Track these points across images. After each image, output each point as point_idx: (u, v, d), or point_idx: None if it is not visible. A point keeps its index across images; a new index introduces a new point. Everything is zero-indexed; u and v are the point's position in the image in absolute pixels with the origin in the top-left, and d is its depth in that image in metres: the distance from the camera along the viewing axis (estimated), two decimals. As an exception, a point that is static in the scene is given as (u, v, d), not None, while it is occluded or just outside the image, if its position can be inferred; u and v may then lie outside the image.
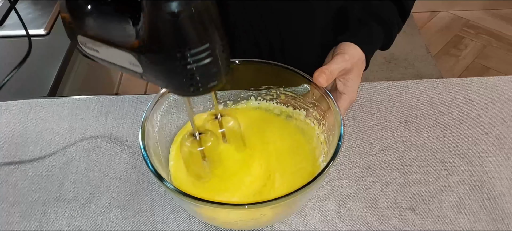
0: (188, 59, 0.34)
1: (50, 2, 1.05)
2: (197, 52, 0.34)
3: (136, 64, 0.36)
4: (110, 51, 0.37)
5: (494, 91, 0.69)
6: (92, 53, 0.39)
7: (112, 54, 0.37)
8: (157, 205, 0.55)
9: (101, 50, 0.38)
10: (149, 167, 0.43)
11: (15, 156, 0.61)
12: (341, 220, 0.53)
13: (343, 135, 0.46)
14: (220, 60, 0.36)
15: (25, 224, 0.53)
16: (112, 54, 0.37)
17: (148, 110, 0.49)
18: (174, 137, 0.55)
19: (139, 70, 0.37)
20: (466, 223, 0.52)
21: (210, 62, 0.35)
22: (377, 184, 0.56)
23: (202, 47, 0.34)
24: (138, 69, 0.37)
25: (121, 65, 0.38)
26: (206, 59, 0.34)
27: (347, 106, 0.58)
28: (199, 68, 0.34)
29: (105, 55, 0.38)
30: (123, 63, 0.37)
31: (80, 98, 0.70)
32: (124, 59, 0.37)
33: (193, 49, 0.33)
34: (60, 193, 0.56)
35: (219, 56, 0.35)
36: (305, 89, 0.55)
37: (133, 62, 0.36)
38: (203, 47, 0.34)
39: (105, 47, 0.37)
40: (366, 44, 0.59)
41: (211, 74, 0.36)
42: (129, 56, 0.36)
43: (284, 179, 0.51)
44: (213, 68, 0.35)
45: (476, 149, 0.60)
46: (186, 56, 0.34)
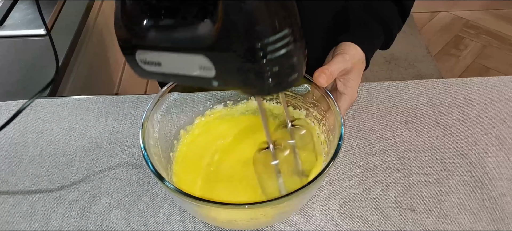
0: (265, 49, 0.31)
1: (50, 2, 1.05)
2: (274, 40, 0.31)
3: (209, 66, 0.33)
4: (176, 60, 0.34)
5: (494, 91, 0.69)
6: (154, 70, 0.36)
7: (178, 63, 0.34)
8: (157, 206, 0.55)
9: (165, 61, 0.35)
10: (149, 167, 0.43)
11: (15, 156, 0.61)
12: (342, 220, 0.53)
13: (344, 135, 0.46)
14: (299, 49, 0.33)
15: (25, 224, 0.53)
16: (178, 63, 0.34)
17: (148, 110, 0.49)
18: (176, 136, 0.55)
19: (211, 74, 0.34)
20: (466, 223, 0.52)
21: (287, 51, 0.32)
22: (377, 184, 0.56)
23: (279, 35, 0.31)
24: (209, 73, 0.34)
25: (189, 74, 0.35)
26: (284, 49, 0.32)
27: (347, 106, 0.58)
28: (276, 59, 0.32)
29: (169, 67, 0.35)
30: (192, 70, 0.34)
31: (80, 98, 0.69)
32: (193, 65, 0.34)
33: (272, 36, 0.31)
34: (60, 193, 0.56)
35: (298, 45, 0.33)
36: (305, 89, 0.54)
37: (204, 66, 0.33)
38: (280, 35, 0.31)
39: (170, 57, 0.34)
40: (366, 44, 0.59)
41: (291, 66, 0.33)
42: (201, 59, 0.33)
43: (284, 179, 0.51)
44: (291, 58, 0.33)
45: (476, 149, 0.60)
46: (263, 46, 0.31)
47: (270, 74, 0.33)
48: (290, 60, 0.33)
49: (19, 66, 0.87)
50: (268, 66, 0.32)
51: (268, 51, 0.31)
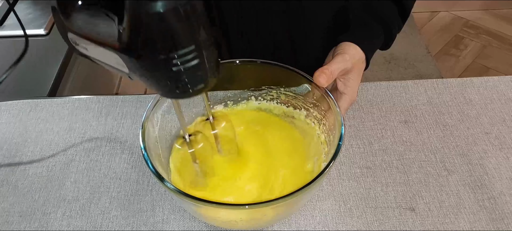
0: (173, 60, 0.32)
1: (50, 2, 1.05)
2: (182, 54, 0.32)
3: (122, 64, 0.35)
4: (98, 50, 0.36)
5: (494, 91, 0.69)
6: (83, 52, 0.38)
7: (100, 53, 0.36)
8: (157, 205, 0.55)
9: (90, 48, 0.37)
10: (149, 167, 0.43)
11: (15, 156, 0.61)
12: (341, 220, 0.53)
13: (344, 135, 0.46)
14: (208, 62, 0.34)
15: (25, 224, 0.53)
16: (100, 52, 0.36)
17: (148, 110, 0.49)
18: (176, 137, 0.55)
19: (126, 71, 0.36)
20: (466, 223, 0.52)
21: (196, 64, 0.33)
22: (377, 184, 0.56)
23: (187, 49, 0.32)
24: (125, 69, 0.36)
25: (110, 64, 0.37)
26: (192, 61, 0.33)
27: (347, 106, 0.58)
28: (185, 70, 0.33)
29: (94, 54, 0.37)
30: (111, 62, 0.36)
31: (80, 98, 0.70)
32: (111, 59, 0.36)
33: (178, 51, 0.32)
34: (60, 193, 0.56)
35: (206, 58, 0.34)
36: (306, 89, 0.55)
37: (119, 62, 0.35)
38: (188, 49, 0.32)
39: (93, 46, 0.36)
40: (366, 44, 0.59)
41: (198, 77, 0.35)
42: (115, 56, 0.35)
43: (285, 179, 0.51)
44: (199, 70, 0.34)
45: (476, 149, 0.60)
46: (170, 58, 0.32)
47: (175, 83, 0.34)
48: (195, 72, 0.34)
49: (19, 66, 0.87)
50: (172, 76, 0.34)
51: (173, 63, 0.33)
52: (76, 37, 0.37)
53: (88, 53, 0.38)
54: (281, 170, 0.52)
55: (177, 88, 0.35)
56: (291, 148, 0.55)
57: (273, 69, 0.54)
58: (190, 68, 0.33)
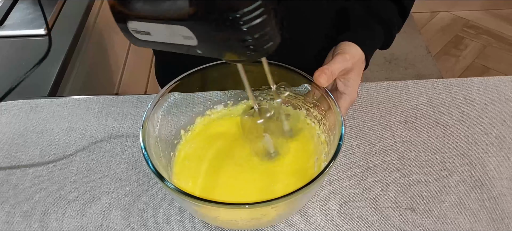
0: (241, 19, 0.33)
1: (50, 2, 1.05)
2: (249, 10, 0.33)
3: (191, 36, 0.36)
4: (163, 30, 0.37)
5: (494, 91, 0.69)
6: (145, 38, 0.39)
7: (165, 33, 0.37)
8: (157, 206, 0.55)
9: (154, 30, 0.37)
10: (150, 167, 0.43)
11: (16, 156, 0.61)
12: (342, 220, 0.53)
13: (344, 135, 0.46)
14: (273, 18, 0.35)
15: (26, 224, 0.53)
16: (165, 32, 0.37)
17: (148, 110, 0.49)
18: (176, 136, 0.55)
19: (194, 43, 0.36)
20: (466, 223, 0.52)
21: (263, 20, 0.34)
22: (377, 184, 0.56)
23: (254, 5, 0.33)
24: (192, 42, 0.36)
25: (175, 43, 0.37)
26: (259, 18, 0.34)
27: (347, 106, 0.58)
28: (252, 28, 0.34)
29: (157, 36, 0.38)
30: (177, 40, 0.37)
31: (80, 98, 0.70)
32: (177, 35, 0.36)
33: (246, 8, 0.33)
34: (61, 193, 0.56)
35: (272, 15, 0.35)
36: (306, 89, 0.55)
37: (187, 35, 0.36)
38: (255, 5, 0.33)
39: (157, 27, 0.37)
40: (366, 43, 0.59)
41: (266, 34, 0.35)
42: (183, 29, 0.35)
43: (285, 179, 0.51)
44: (266, 26, 0.35)
45: (476, 149, 0.60)
46: (239, 16, 0.33)
47: (246, 43, 0.35)
48: (265, 28, 0.35)
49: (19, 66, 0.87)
50: (243, 35, 0.34)
51: (242, 22, 0.33)
52: (138, 23, 0.38)
53: (152, 37, 0.38)
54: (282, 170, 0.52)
55: (247, 48, 0.35)
56: (291, 148, 0.55)
57: (273, 69, 0.54)
58: (258, 24, 0.34)
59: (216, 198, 0.41)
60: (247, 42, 0.35)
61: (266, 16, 0.34)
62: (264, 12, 0.34)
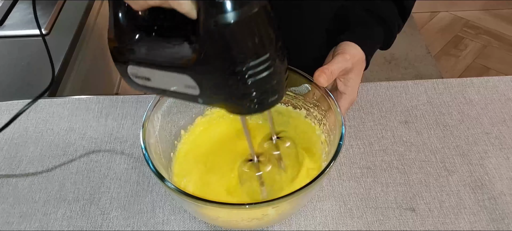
0: (246, 72, 0.32)
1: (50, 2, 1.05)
2: (255, 64, 0.32)
3: (193, 85, 0.34)
4: (164, 76, 0.35)
5: (494, 91, 0.69)
6: (144, 83, 0.37)
7: (166, 80, 0.35)
8: (157, 206, 0.55)
9: (154, 77, 0.36)
10: (150, 167, 0.43)
11: (15, 156, 0.61)
12: (341, 220, 0.53)
13: (344, 135, 0.46)
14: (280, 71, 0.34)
15: (25, 224, 0.53)
16: (166, 79, 0.35)
17: (149, 110, 0.49)
18: (176, 137, 0.55)
19: (196, 92, 0.35)
20: (466, 223, 0.52)
21: (270, 74, 0.33)
22: (377, 184, 0.56)
23: (260, 59, 0.32)
24: (194, 91, 0.35)
25: (176, 91, 0.36)
26: (265, 72, 0.32)
27: (347, 106, 0.58)
28: (257, 82, 0.32)
29: (158, 83, 0.36)
30: (178, 87, 0.35)
31: (80, 98, 0.69)
32: (179, 83, 0.35)
33: (251, 62, 0.32)
34: (60, 193, 0.56)
35: (278, 67, 0.33)
36: (306, 89, 0.54)
37: (189, 84, 0.34)
38: (261, 59, 0.32)
39: (158, 73, 0.35)
40: (367, 43, 0.59)
41: (271, 87, 0.34)
42: (185, 78, 0.34)
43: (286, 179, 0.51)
44: (273, 79, 0.33)
45: (476, 149, 0.60)
46: (245, 69, 0.32)
47: (251, 96, 0.34)
48: (270, 82, 0.34)
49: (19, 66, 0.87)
50: (248, 89, 0.33)
51: (247, 76, 0.32)
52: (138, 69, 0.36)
53: (151, 83, 0.37)
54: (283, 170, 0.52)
55: (252, 101, 0.34)
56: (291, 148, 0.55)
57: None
58: (265, 78, 0.33)
59: (216, 198, 0.41)
60: (251, 96, 0.34)
61: (272, 70, 0.33)
62: (271, 66, 0.32)
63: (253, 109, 0.35)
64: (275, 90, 0.35)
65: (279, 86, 0.35)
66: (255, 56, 0.32)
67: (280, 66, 0.34)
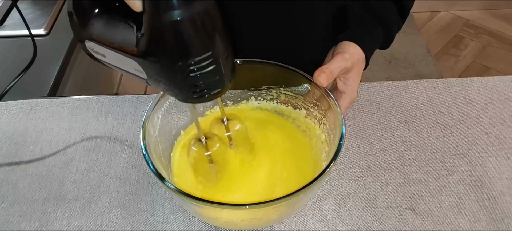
0: (190, 67, 0.33)
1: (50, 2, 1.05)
2: (199, 60, 0.33)
3: (140, 70, 0.36)
4: (116, 56, 0.37)
5: (494, 91, 0.69)
6: (101, 58, 0.39)
7: (118, 59, 0.37)
8: (157, 205, 0.55)
9: (108, 55, 0.37)
10: (150, 167, 0.43)
11: (15, 156, 0.61)
12: (341, 219, 0.53)
13: (344, 134, 0.46)
14: (223, 66, 0.35)
15: (25, 224, 0.53)
16: (117, 59, 0.37)
17: (149, 110, 0.49)
18: (176, 137, 0.55)
19: (144, 76, 0.36)
20: (466, 223, 0.52)
21: (213, 69, 0.34)
22: (377, 183, 0.56)
23: (204, 55, 0.33)
24: (142, 75, 0.36)
25: (126, 70, 0.38)
26: (209, 67, 0.34)
27: (347, 105, 0.58)
28: (202, 75, 0.34)
29: (111, 60, 0.38)
30: (129, 68, 0.37)
31: (80, 98, 0.69)
32: (129, 65, 0.36)
33: (195, 58, 0.33)
34: (60, 192, 0.56)
35: (222, 63, 0.35)
36: (306, 88, 0.54)
37: (137, 68, 0.36)
38: (205, 55, 0.33)
39: (111, 52, 0.37)
40: (366, 43, 0.59)
41: (215, 81, 0.35)
42: (133, 62, 0.35)
43: (286, 179, 0.51)
44: (216, 75, 0.35)
45: (476, 149, 0.60)
46: (188, 64, 0.33)
47: (192, 88, 0.35)
48: (212, 78, 0.35)
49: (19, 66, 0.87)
50: (190, 82, 0.34)
51: (189, 71, 0.33)
52: (94, 44, 0.38)
53: (105, 59, 0.38)
54: (283, 170, 0.52)
55: (194, 93, 0.35)
56: (291, 148, 0.55)
57: (273, 69, 0.54)
58: (207, 73, 0.34)
59: (216, 199, 0.41)
60: (194, 88, 0.35)
61: (214, 66, 0.34)
62: (213, 63, 0.34)
63: (195, 99, 0.36)
64: (217, 84, 0.36)
65: (221, 81, 0.36)
66: (197, 54, 0.33)
67: (224, 62, 0.35)
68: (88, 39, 0.38)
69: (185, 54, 0.32)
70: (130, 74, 0.38)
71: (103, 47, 0.37)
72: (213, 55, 0.33)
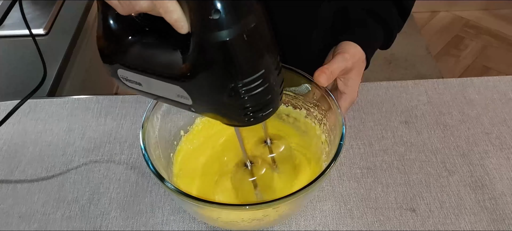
0: (241, 88, 0.31)
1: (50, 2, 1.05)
2: (250, 80, 0.31)
3: (185, 96, 0.33)
4: (155, 83, 0.34)
5: (494, 91, 0.68)
6: (136, 87, 0.36)
7: (157, 87, 0.34)
8: (157, 206, 0.54)
9: (145, 83, 0.35)
10: (150, 168, 0.43)
11: (14, 157, 0.61)
12: (342, 220, 0.53)
13: (345, 135, 0.46)
14: (275, 84, 0.33)
15: (25, 225, 0.53)
16: (157, 86, 0.34)
17: (148, 110, 0.48)
18: (176, 137, 0.55)
19: (189, 102, 0.34)
20: (466, 223, 0.52)
21: (264, 89, 0.32)
22: (377, 184, 0.56)
23: (255, 75, 0.31)
24: (187, 101, 0.34)
25: (168, 97, 0.35)
26: (260, 87, 0.32)
27: (348, 106, 0.58)
28: (254, 96, 0.32)
29: (149, 89, 0.35)
30: (170, 96, 0.34)
31: (79, 98, 0.69)
32: (171, 92, 0.34)
33: (247, 78, 0.31)
34: (60, 194, 0.56)
35: (274, 80, 0.32)
36: (306, 89, 0.54)
37: (181, 94, 0.33)
38: (257, 75, 0.31)
39: (148, 79, 0.34)
40: (367, 43, 0.59)
41: (266, 101, 0.33)
42: (177, 88, 0.33)
43: (286, 180, 0.51)
44: (268, 94, 0.33)
45: (476, 150, 0.60)
46: (240, 85, 0.31)
47: (245, 111, 0.33)
48: (265, 97, 0.33)
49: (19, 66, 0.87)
50: (242, 104, 0.32)
51: (241, 92, 0.31)
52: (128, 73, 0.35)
53: (142, 88, 0.36)
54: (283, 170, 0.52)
55: (245, 115, 0.33)
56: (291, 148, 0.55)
57: (273, 69, 0.54)
58: (260, 93, 0.32)
59: (216, 199, 0.41)
60: (245, 110, 0.33)
61: (267, 85, 0.32)
62: (266, 81, 0.31)
63: (247, 122, 0.34)
64: (269, 103, 0.34)
65: (274, 99, 0.34)
66: (250, 73, 0.31)
67: (276, 80, 0.33)
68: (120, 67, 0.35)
69: (237, 74, 0.30)
70: (172, 102, 0.35)
71: (140, 74, 0.34)
72: (266, 73, 0.31)
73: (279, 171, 0.50)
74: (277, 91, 0.34)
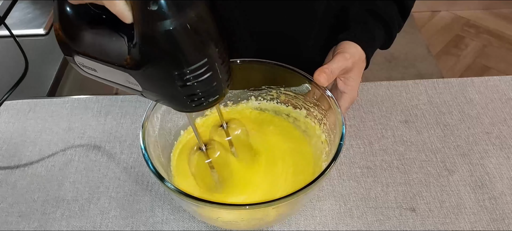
0: (186, 76, 0.32)
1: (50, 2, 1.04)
2: (195, 68, 0.32)
3: (134, 82, 0.35)
4: (108, 70, 0.35)
5: (494, 90, 0.68)
6: (92, 73, 0.38)
7: (110, 73, 0.36)
8: (156, 206, 0.54)
9: (99, 69, 0.36)
10: (150, 168, 0.43)
11: (14, 156, 0.61)
12: (341, 220, 0.53)
13: (345, 134, 0.46)
14: (220, 72, 0.34)
15: (24, 224, 0.53)
16: (110, 73, 0.36)
17: (148, 110, 0.48)
18: (176, 137, 0.55)
19: (139, 88, 0.35)
20: (466, 223, 0.52)
21: (209, 76, 0.33)
22: (377, 184, 0.56)
23: (200, 63, 0.32)
24: (137, 87, 0.35)
25: (120, 83, 0.36)
26: (206, 74, 0.33)
27: (348, 105, 0.58)
28: (198, 84, 0.33)
29: (103, 74, 0.37)
30: (122, 82, 0.36)
31: (79, 98, 0.69)
32: (122, 78, 0.35)
33: (191, 66, 0.32)
34: (59, 193, 0.56)
35: (218, 69, 0.34)
36: (306, 88, 0.54)
37: (131, 81, 0.35)
38: (201, 63, 0.32)
39: (102, 66, 0.35)
40: (367, 43, 0.59)
41: (212, 88, 0.34)
42: (127, 75, 0.34)
43: (286, 180, 0.51)
44: (213, 82, 0.34)
45: (476, 149, 0.60)
46: (184, 73, 0.32)
47: (190, 97, 0.34)
48: (209, 84, 0.34)
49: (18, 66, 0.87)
50: (186, 91, 0.33)
51: (185, 79, 0.32)
52: (83, 59, 0.36)
53: (97, 74, 0.37)
54: (283, 170, 0.52)
55: (191, 102, 0.35)
56: (292, 148, 0.55)
57: (273, 68, 0.54)
58: (204, 80, 0.33)
59: (216, 199, 0.41)
60: (191, 97, 0.34)
61: (211, 73, 0.33)
62: (209, 69, 0.33)
63: (193, 108, 0.35)
64: (215, 90, 0.35)
65: (219, 87, 0.35)
66: (193, 62, 0.32)
67: (220, 68, 0.34)
68: (76, 54, 0.36)
69: (180, 63, 0.32)
70: (125, 87, 0.36)
71: (94, 61, 0.36)
72: (209, 61, 0.32)
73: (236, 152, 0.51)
74: (223, 78, 0.35)
